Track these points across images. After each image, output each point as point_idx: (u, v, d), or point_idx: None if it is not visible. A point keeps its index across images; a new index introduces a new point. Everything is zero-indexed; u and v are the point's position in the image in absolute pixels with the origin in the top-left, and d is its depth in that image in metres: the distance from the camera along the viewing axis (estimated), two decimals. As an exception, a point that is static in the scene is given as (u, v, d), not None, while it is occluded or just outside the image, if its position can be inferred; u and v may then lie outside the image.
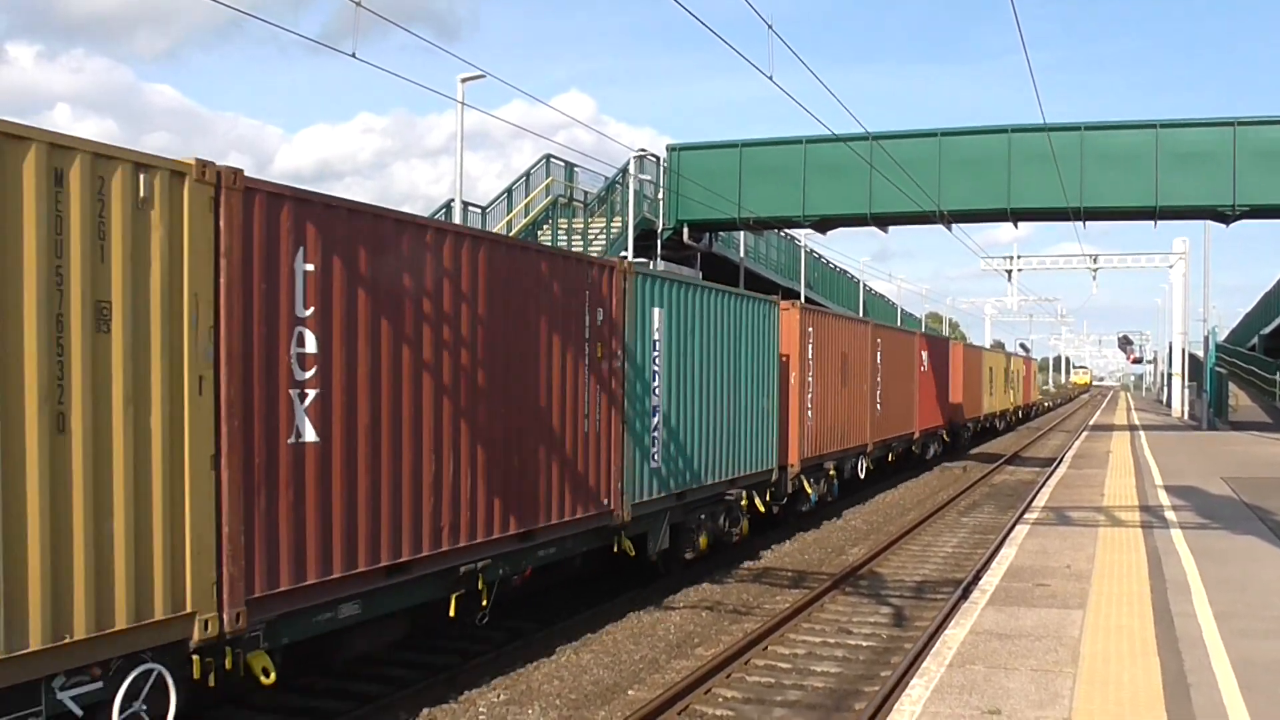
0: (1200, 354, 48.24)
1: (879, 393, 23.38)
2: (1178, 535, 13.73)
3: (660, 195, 29.06)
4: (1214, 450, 28.85)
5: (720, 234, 32.00)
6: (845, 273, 50.73)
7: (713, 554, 14.74)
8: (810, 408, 18.35)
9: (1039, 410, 75.04)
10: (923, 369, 28.84)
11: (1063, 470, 24.08)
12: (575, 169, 30.95)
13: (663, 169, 29.13)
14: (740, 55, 11.17)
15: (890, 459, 25.61)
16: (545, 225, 29.06)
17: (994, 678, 7.55)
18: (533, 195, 29.66)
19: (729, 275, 31.89)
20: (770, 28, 11.10)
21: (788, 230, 34.74)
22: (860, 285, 52.06)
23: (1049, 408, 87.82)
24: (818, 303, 36.79)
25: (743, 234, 33.47)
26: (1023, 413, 59.51)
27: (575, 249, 25.82)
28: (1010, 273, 42.86)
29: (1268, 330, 58.88)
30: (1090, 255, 41.96)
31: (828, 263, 47.31)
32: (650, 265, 24.39)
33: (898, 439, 25.74)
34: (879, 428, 23.33)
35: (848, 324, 22.19)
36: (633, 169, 27.52)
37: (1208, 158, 25.41)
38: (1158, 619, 9.17)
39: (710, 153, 29.23)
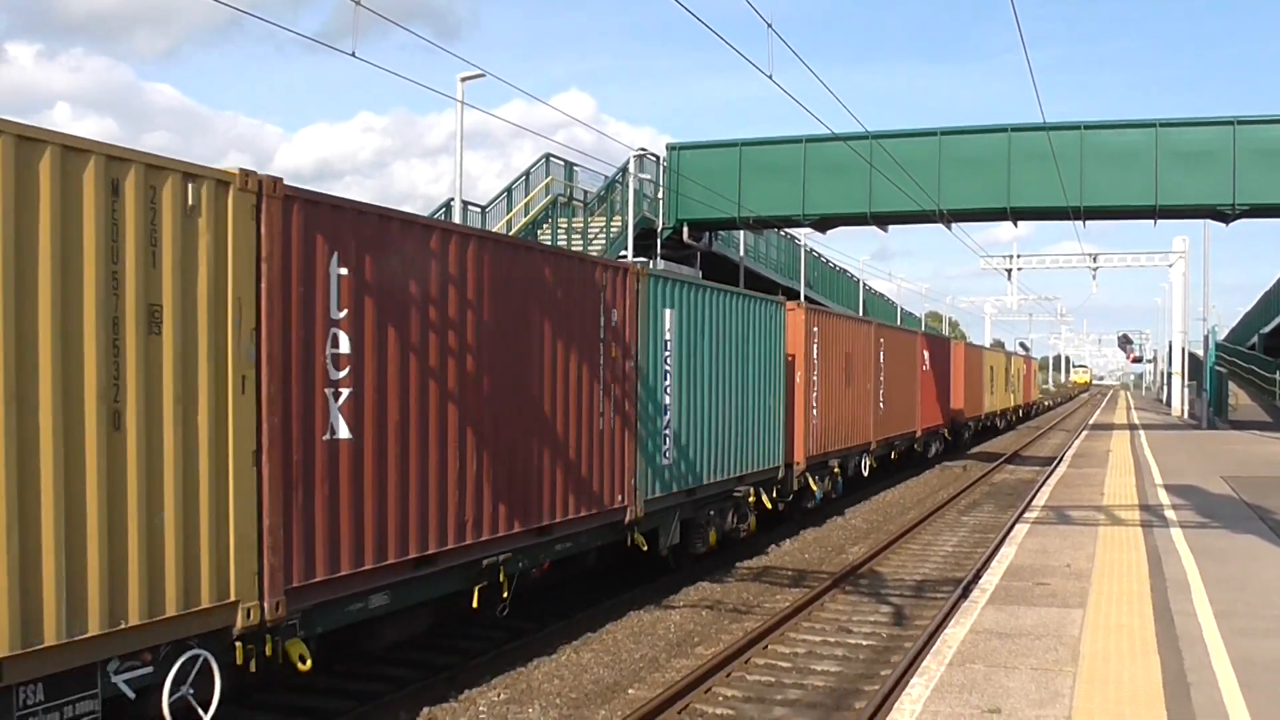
0: (1200, 353, 48.25)
1: (882, 392, 23.55)
2: (1178, 534, 13.74)
3: (660, 194, 29.04)
4: (1214, 449, 28.86)
5: (720, 233, 31.97)
6: (845, 272, 50.72)
7: (720, 550, 14.83)
8: (815, 406, 18.53)
9: (1039, 409, 75.09)
10: (924, 368, 28.94)
11: (1063, 469, 24.08)
12: (575, 168, 30.94)
13: (662, 168, 29.10)
14: (740, 55, 11.17)
15: (893, 457, 25.78)
16: (545, 224, 29.03)
17: (994, 676, 7.55)
18: (532, 194, 29.64)
19: (729, 274, 31.87)
20: (770, 27, 11.11)
21: (787, 229, 34.73)
22: (860, 284, 52.06)
23: (1049, 407, 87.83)
24: (817, 302, 36.78)
25: (742, 233, 33.45)
26: (1023, 412, 59.62)
27: (575, 248, 25.84)
28: (1010, 272, 42.84)
29: (1268, 329, 58.91)
30: (1090, 254, 41.95)
31: (827, 262, 47.32)
32: (649, 265, 24.38)
33: (900, 437, 25.94)
34: (882, 426, 23.51)
35: (851, 324, 22.37)
36: (632, 168, 27.49)
37: (1208, 156, 25.39)
38: (1158, 618, 9.17)
39: (710, 152, 29.20)
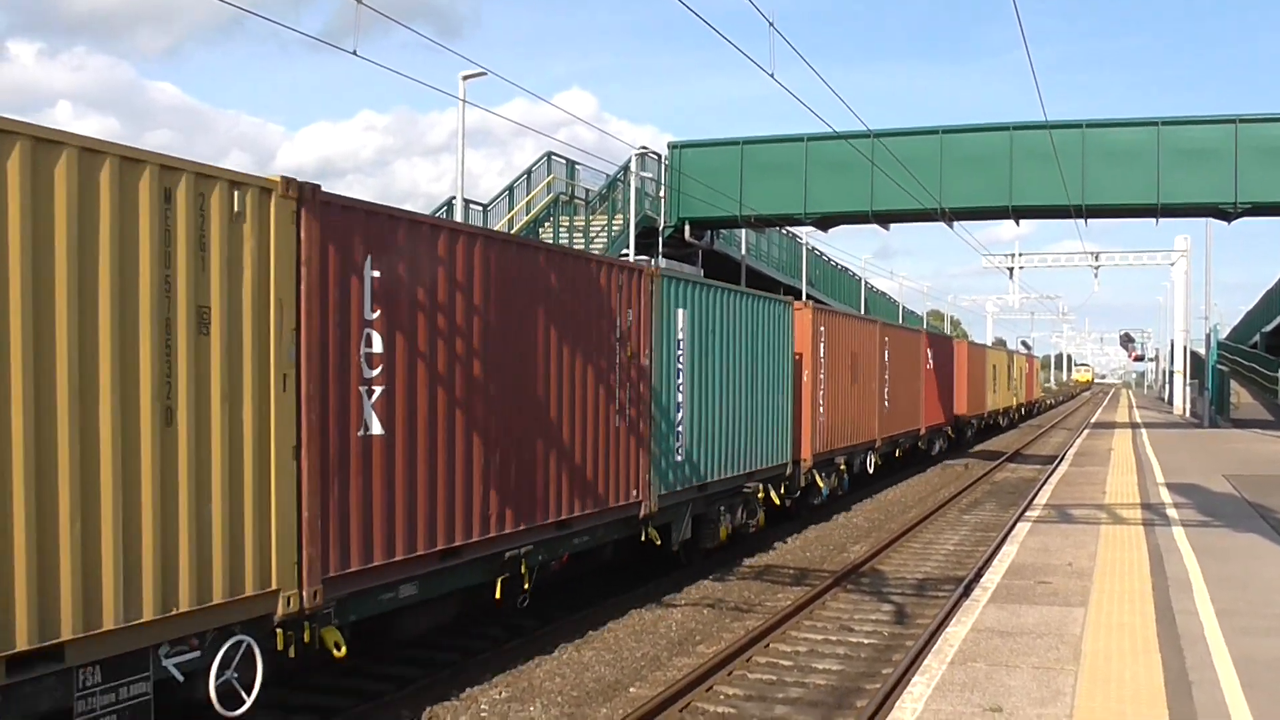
0: (1202, 351, 48.23)
1: (887, 390, 23.74)
2: (1179, 533, 13.73)
3: (662, 193, 29.02)
4: (1216, 448, 28.85)
5: (722, 231, 31.96)
6: (847, 270, 50.70)
7: (728, 546, 15.02)
8: (822, 404, 18.74)
9: (1041, 408, 75.13)
10: (928, 367, 29.12)
11: (1064, 468, 24.08)
12: (577, 166, 30.98)
13: (664, 166, 29.09)
14: (742, 53, 11.17)
15: (897, 454, 26.00)
16: (546, 223, 29.03)
17: (996, 675, 7.55)
18: (534, 193, 29.66)
19: (730, 273, 31.85)
20: (772, 25, 11.10)
21: (789, 228, 34.72)
22: (862, 283, 52.04)
23: (1051, 405, 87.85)
24: (819, 300, 36.76)
25: (744, 231, 33.44)
26: (1025, 410, 59.70)
27: (576, 247, 25.83)
28: (1012, 270, 42.82)
29: (1269, 328, 58.83)
30: (1092, 252, 41.92)
31: (829, 260, 47.31)
32: (651, 263, 24.37)
33: (905, 435, 26.14)
34: (887, 424, 23.71)
35: (857, 323, 22.61)
36: (634, 166, 27.47)
37: (1210, 155, 25.35)
38: (1159, 616, 9.17)
39: (712, 150, 29.18)
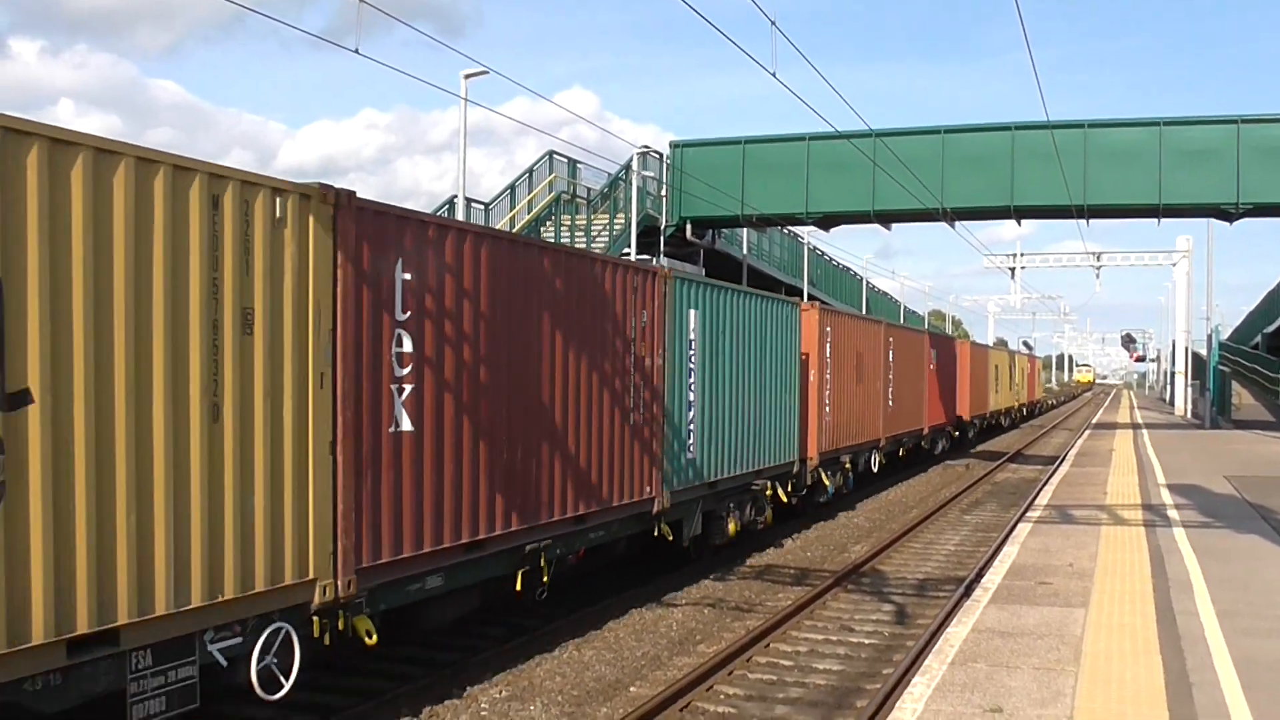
0: (1203, 352, 48.22)
1: (891, 390, 23.98)
2: (1180, 534, 13.72)
3: (663, 192, 29.01)
4: (1217, 449, 28.83)
5: (723, 231, 31.95)
6: (848, 270, 50.68)
7: (735, 543, 15.22)
8: (828, 404, 19.00)
9: (1043, 408, 75.16)
10: (932, 367, 29.33)
11: (1065, 468, 24.07)
12: (578, 165, 30.95)
13: (666, 166, 29.08)
14: (744, 52, 11.17)
15: (901, 454, 26.21)
16: (548, 222, 29.02)
17: (996, 676, 7.55)
18: (536, 192, 29.64)
19: (732, 272, 31.84)
20: (774, 24, 11.10)
21: (791, 227, 34.69)
22: (863, 283, 52.02)
23: (1052, 405, 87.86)
24: (820, 300, 36.75)
25: (745, 231, 33.42)
26: (1027, 410, 59.78)
27: (578, 246, 25.84)
28: (1013, 270, 42.83)
29: (1271, 329, 58.73)
30: (1093, 253, 41.94)
31: (830, 260, 47.28)
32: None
33: (908, 434, 26.36)
34: (891, 423, 23.95)
35: (863, 324, 22.92)
36: (636, 165, 27.46)
37: (1211, 155, 25.32)
38: (1160, 617, 9.17)
39: (713, 149, 29.16)
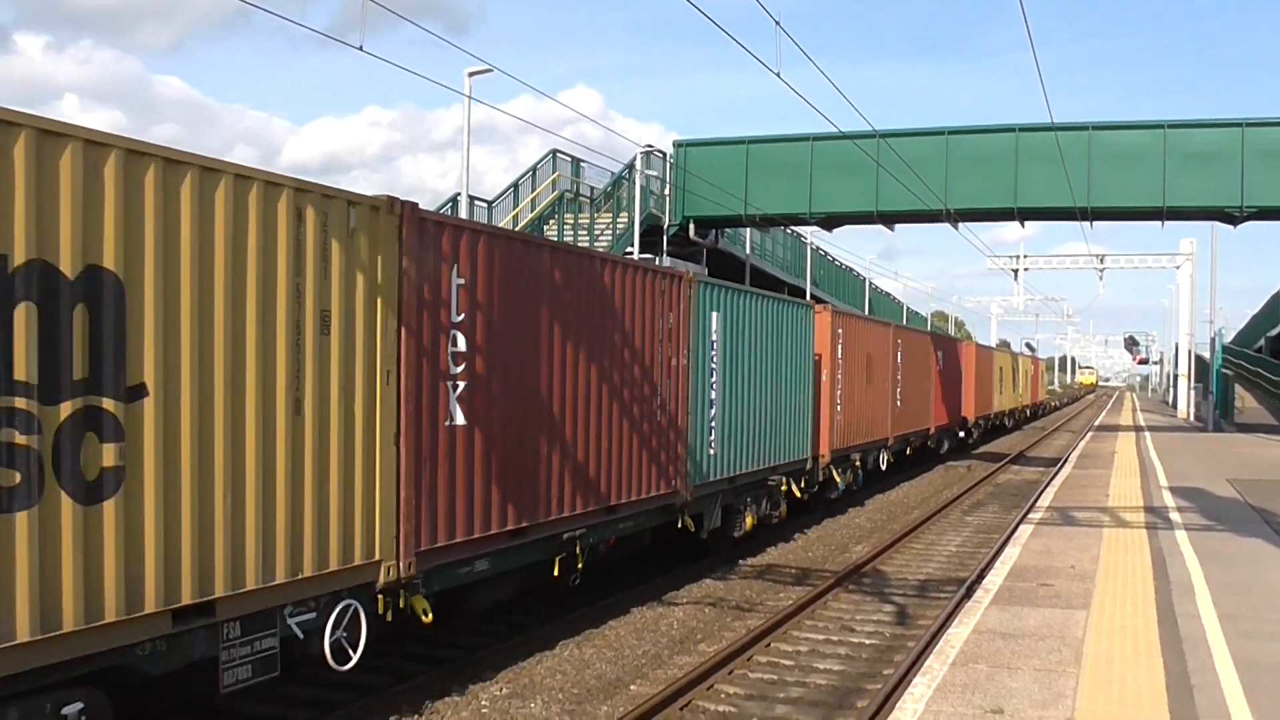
0: (1207, 355, 48.16)
1: (899, 390, 24.41)
2: (1182, 537, 13.71)
3: (667, 191, 29.01)
4: (1220, 452, 28.80)
5: (726, 230, 31.95)
6: (851, 270, 50.63)
7: (755, 533, 15.70)
8: (839, 403, 19.52)
9: (1045, 410, 75.13)
10: (938, 368, 29.68)
11: (1068, 470, 24.05)
12: (582, 164, 30.94)
13: (669, 165, 29.07)
14: (748, 52, 11.15)
15: (908, 453, 26.58)
16: (551, 220, 29.02)
17: (997, 677, 7.55)
18: (539, 190, 29.65)
19: (735, 272, 31.83)
20: (778, 24, 11.09)
21: (794, 227, 34.67)
22: (866, 283, 51.96)
23: (1055, 407, 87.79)
24: (822, 300, 36.73)
25: (748, 231, 33.40)
26: (1030, 412, 59.90)
27: (581, 244, 25.84)
28: (1016, 272, 42.82)
29: (1275, 332, 58.64)
30: (1097, 255, 41.90)
31: (833, 260, 47.22)
32: (656, 262, 24.37)
33: (915, 434, 26.75)
34: (899, 423, 24.39)
35: (872, 326, 23.49)
36: (639, 165, 27.46)
37: (1215, 158, 25.30)
38: (1162, 620, 9.16)
39: (717, 149, 29.16)
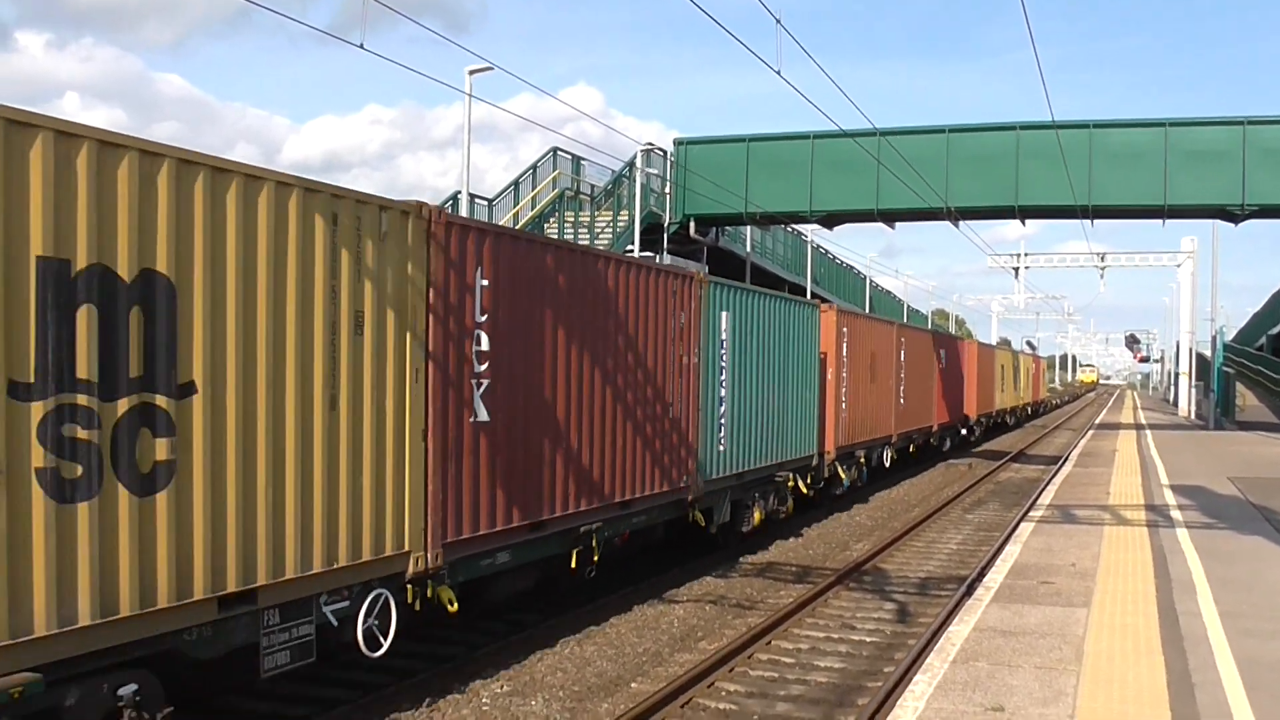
0: (1208, 353, 48.14)
1: (902, 388, 24.61)
2: (1183, 534, 13.70)
3: (667, 189, 28.97)
4: (1221, 450, 28.79)
5: (726, 228, 31.92)
6: (852, 268, 50.59)
7: (762, 527, 15.90)
8: (844, 401, 19.75)
9: (1046, 408, 75.19)
10: (940, 367, 29.83)
11: (1068, 468, 24.05)
12: (582, 162, 30.92)
13: (670, 163, 29.05)
14: (749, 50, 11.14)
15: (911, 450, 26.76)
16: (552, 218, 29.01)
17: (998, 674, 7.54)
18: (540, 188, 29.63)
19: (735, 270, 31.81)
20: (779, 23, 11.08)
21: (794, 225, 34.63)
22: (867, 281, 51.93)
23: (1056, 405, 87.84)
24: (823, 298, 36.72)
25: (749, 229, 33.38)
26: (1031, 409, 59.95)
27: (582, 242, 25.83)
28: (1017, 270, 42.80)
29: (1276, 330, 58.66)
30: (1098, 253, 41.87)
31: (834, 258, 47.18)
32: (656, 260, 24.38)
33: (918, 431, 26.95)
34: (902, 420, 24.60)
35: (876, 324, 23.76)
36: (640, 163, 27.43)
37: (1217, 156, 25.26)
38: (1163, 618, 9.15)
39: (717, 147, 29.12)
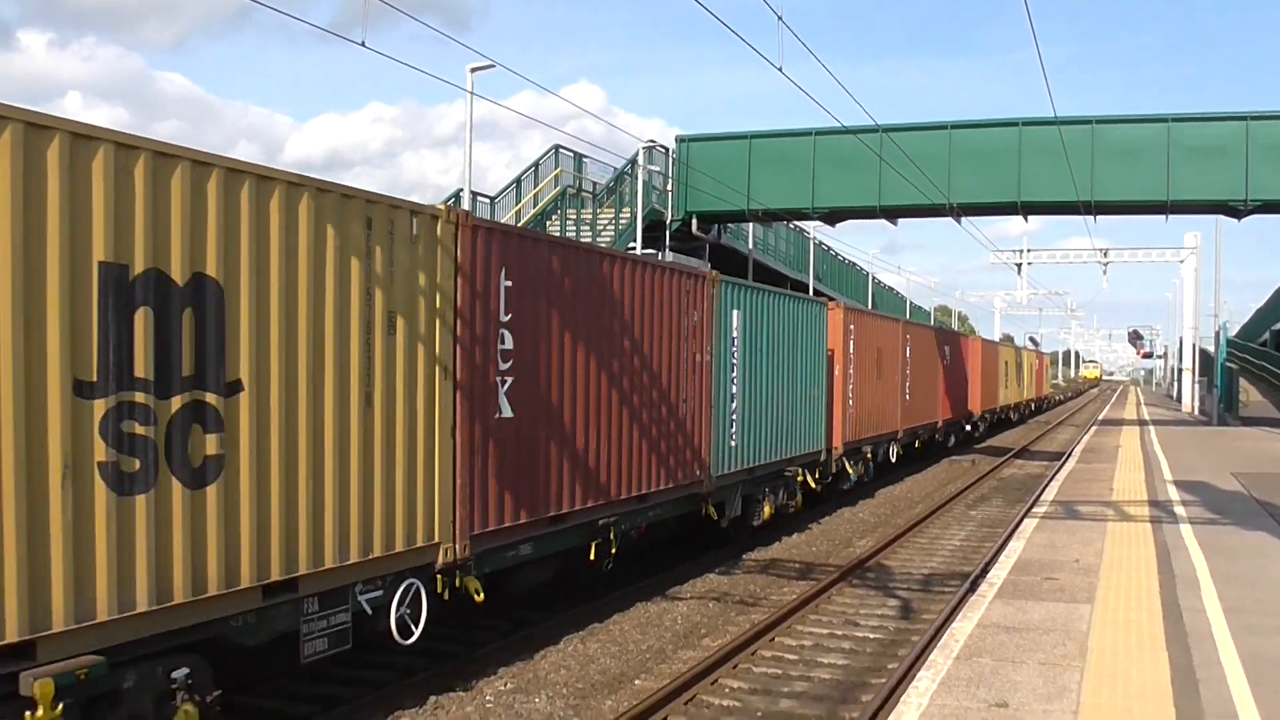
0: (1211, 349, 48.07)
1: (908, 385, 24.79)
2: (1187, 530, 13.69)
3: (669, 186, 28.95)
4: (1224, 445, 28.76)
5: (729, 225, 31.90)
6: (854, 265, 50.55)
7: (772, 521, 16.23)
8: (851, 397, 19.99)
9: (1050, 404, 75.16)
10: (945, 363, 29.97)
11: (1072, 464, 24.03)
12: (584, 160, 30.88)
13: (672, 160, 29.02)
14: (751, 47, 11.19)
15: (917, 445, 26.95)
16: (554, 216, 29.00)
17: (1002, 670, 7.54)
18: (541, 185, 29.59)
19: (737, 267, 31.80)
20: (780, 19, 11.08)
21: (796, 222, 34.60)
22: (869, 278, 51.89)
23: (1059, 401, 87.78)
24: (826, 295, 36.69)
25: (751, 225, 33.36)
26: (1034, 405, 59.97)
27: (584, 239, 25.81)
28: (1020, 266, 42.78)
29: (1279, 325, 58.58)
30: (1101, 249, 41.88)
31: (836, 255, 47.14)
32: (658, 257, 24.37)
33: (924, 427, 27.12)
34: (908, 416, 24.79)
35: (882, 322, 23.91)
36: (642, 160, 27.41)
37: (1219, 152, 25.22)
38: (1166, 614, 9.15)
39: (719, 144, 29.10)
